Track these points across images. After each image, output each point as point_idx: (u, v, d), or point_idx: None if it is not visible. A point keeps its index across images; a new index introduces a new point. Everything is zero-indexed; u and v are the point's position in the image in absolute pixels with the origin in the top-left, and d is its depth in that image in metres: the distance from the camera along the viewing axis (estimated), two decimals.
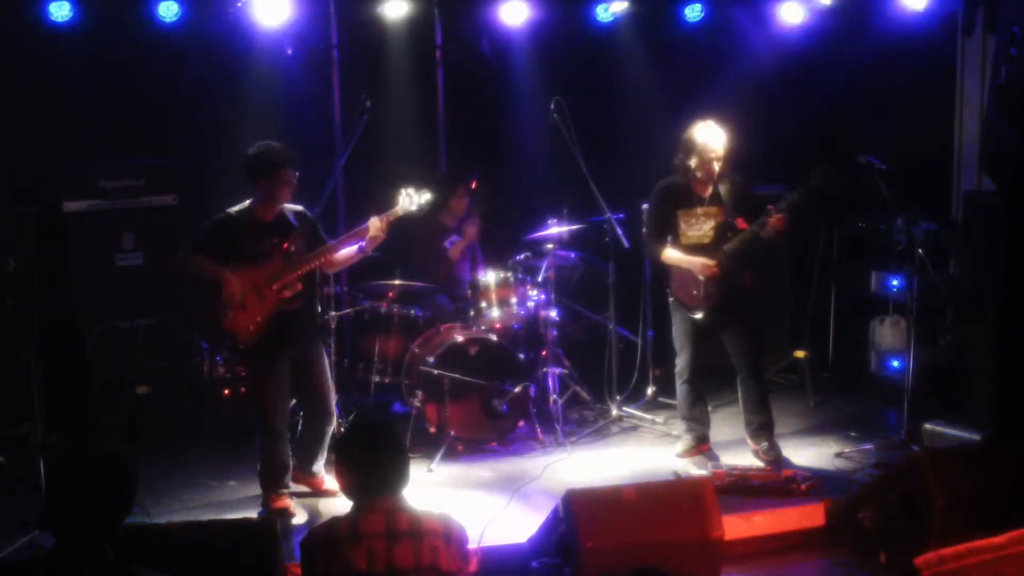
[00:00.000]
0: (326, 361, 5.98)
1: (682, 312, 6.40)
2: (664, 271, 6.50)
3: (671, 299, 6.47)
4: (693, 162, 6.19)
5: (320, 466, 6.01)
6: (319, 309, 6.15)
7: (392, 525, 3.52)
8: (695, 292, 6.27)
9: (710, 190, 6.27)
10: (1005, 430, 5.92)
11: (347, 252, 5.91)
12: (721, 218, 6.27)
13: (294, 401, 6.15)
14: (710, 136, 6.16)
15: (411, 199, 5.97)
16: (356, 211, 8.04)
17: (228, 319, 5.65)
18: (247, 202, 5.74)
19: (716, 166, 6.18)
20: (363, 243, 5.84)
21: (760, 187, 6.96)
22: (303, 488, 6.03)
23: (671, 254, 6.34)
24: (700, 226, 6.29)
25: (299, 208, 5.89)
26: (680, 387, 6.54)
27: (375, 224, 5.79)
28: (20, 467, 6.12)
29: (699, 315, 6.29)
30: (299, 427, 6.09)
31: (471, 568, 4.56)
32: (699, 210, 6.29)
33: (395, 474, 3.58)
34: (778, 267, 8.04)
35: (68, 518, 3.12)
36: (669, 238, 6.36)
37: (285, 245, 5.73)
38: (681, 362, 6.50)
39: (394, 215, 5.94)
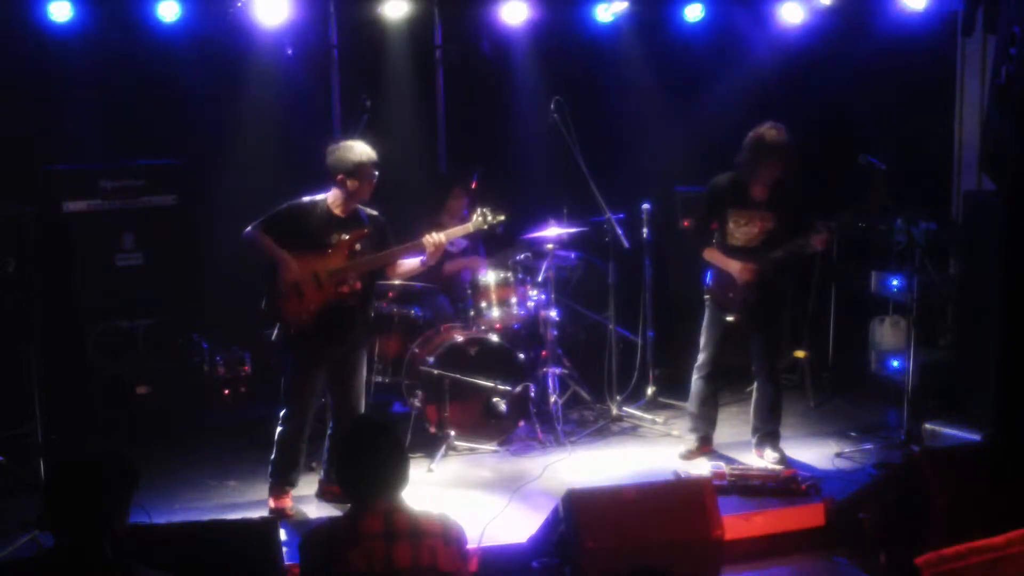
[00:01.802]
0: (365, 367, 5.95)
1: (715, 310, 6.41)
2: (703, 267, 6.48)
3: (706, 296, 6.47)
4: (756, 163, 6.11)
5: None
6: (372, 314, 6.13)
7: (391, 525, 3.52)
8: (731, 295, 6.27)
9: (767, 193, 6.22)
10: (1005, 430, 5.92)
11: (411, 263, 5.89)
12: (771, 224, 6.21)
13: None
14: (777, 140, 6.10)
15: (485, 218, 6.02)
16: None
17: (284, 304, 5.63)
18: (323, 194, 5.73)
19: (778, 171, 6.13)
20: (424, 256, 5.81)
21: None
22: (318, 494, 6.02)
23: (713, 253, 6.33)
24: (749, 228, 6.24)
25: (374, 212, 5.88)
26: (696, 381, 6.54)
27: (432, 239, 5.76)
28: (20, 467, 6.12)
29: (731, 317, 6.30)
30: (328, 431, 6.03)
31: (470, 568, 4.56)
32: (752, 212, 6.24)
33: (394, 475, 3.58)
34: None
35: (68, 518, 3.12)
36: (715, 235, 6.35)
37: (351, 241, 5.72)
38: (703, 357, 6.50)
39: (464, 231, 6.02)
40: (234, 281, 7.08)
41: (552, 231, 7.16)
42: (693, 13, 8.26)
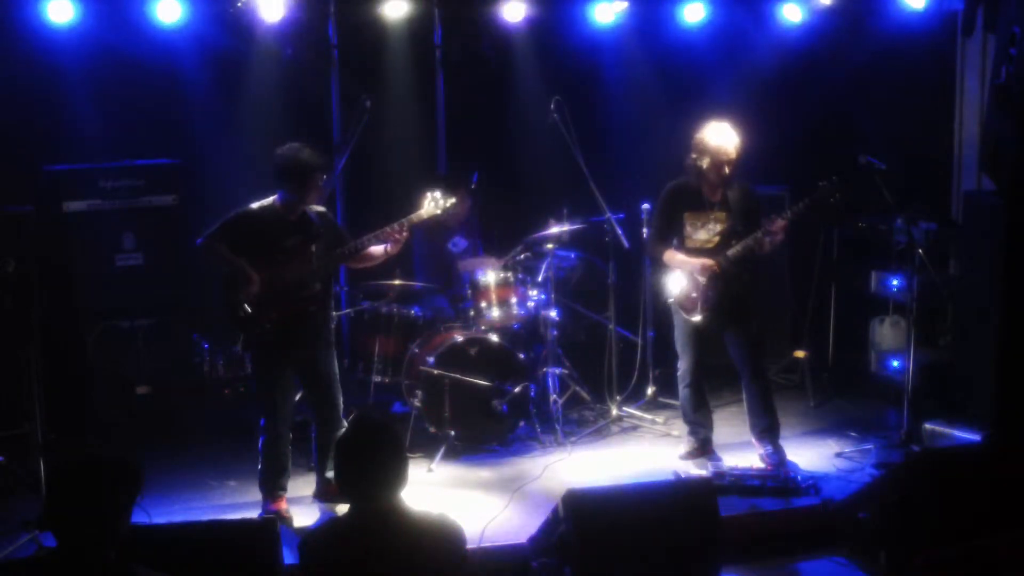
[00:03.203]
0: (336, 367, 5.93)
1: (682, 316, 6.39)
2: (665, 275, 6.48)
3: (671, 301, 6.45)
4: (705, 163, 6.12)
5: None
6: (332, 314, 6.13)
7: (390, 525, 3.52)
8: (694, 295, 6.26)
9: (720, 194, 6.23)
10: (1005, 430, 5.92)
11: (375, 250, 5.90)
12: (728, 224, 6.21)
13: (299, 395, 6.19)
14: (723, 138, 6.11)
15: (436, 203, 6.02)
16: (355, 211, 8.06)
17: (243, 313, 5.63)
18: (271, 199, 5.71)
19: (728, 168, 6.13)
20: (388, 244, 5.84)
21: (760, 187, 6.96)
22: (310, 494, 6.01)
23: (673, 255, 6.32)
24: (706, 230, 6.24)
25: (322, 209, 5.88)
26: (683, 391, 6.51)
27: (396, 228, 5.81)
28: (20, 467, 6.12)
29: (697, 318, 6.28)
30: (312, 433, 6.04)
31: (469, 568, 4.56)
32: (707, 214, 6.24)
33: (393, 475, 3.57)
34: (778, 267, 8.04)
35: (68, 519, 3.12)
36: (674, 240, 6.35)
37: (307, 245, 5.72)
38: (683, 366, 6.48)
39: (418, 218, 5.98)
40: None
41: (552, 231, 7.16)
42: (693, 13, 8.25)
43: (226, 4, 7.27)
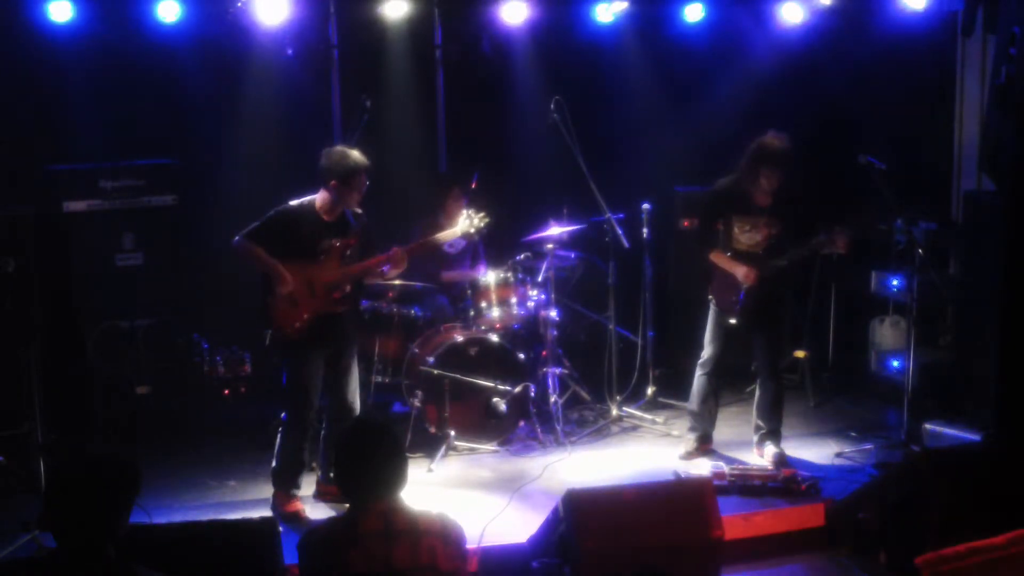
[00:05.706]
0: (356, 365, 5.96)
1: (717, 312, 6.43)
2: (707, 270, 6.48)
3: (710, 297, 6.48)
4: (757, 171, 6.11)
5: None
6: (359, 311, 6.16)
7: (390, 525, 3.52)
8: (733, 298, 6.29)
9: (769, 200, 6.22)
10: (1005, 430, 5.92)
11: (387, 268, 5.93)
12: (775, 230, 6.23)
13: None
14: (779, 151, 6.11)
15: (471, 220, 6.13)
16: None
17: (277, 313, 5.64)
18: (310, 198, 5.72)
19: (777, 180, 6.12)
20: (388, 267, 5.86)
21: None
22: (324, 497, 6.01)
23: (719, 256, 6.35)
24: (753, 235, 6.27)
25: (359, 211, 5.88)
26: (699, 377, 6.56)
27: (398, 254, 5.82)
28: (20, 467, 6.12)
29: (733, 320, 6.33)
30: (322, 431, 6.03)
31: (469, 568, 4.56)
32: (756, 219, 6.25)
33: (393, 475, 3.57)
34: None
35: (68, 519, 3.12)
36: (720, 238, 6.36)
37: (343, 247, 5.72)
38: (706, 354, 6.52)
39: (452, 235, 6.14)
40: (234, 281, 7.07)
41: (552, 231, 7.16)
42: (693, 13, 8.25)
43: (226, 4, 7.26)
